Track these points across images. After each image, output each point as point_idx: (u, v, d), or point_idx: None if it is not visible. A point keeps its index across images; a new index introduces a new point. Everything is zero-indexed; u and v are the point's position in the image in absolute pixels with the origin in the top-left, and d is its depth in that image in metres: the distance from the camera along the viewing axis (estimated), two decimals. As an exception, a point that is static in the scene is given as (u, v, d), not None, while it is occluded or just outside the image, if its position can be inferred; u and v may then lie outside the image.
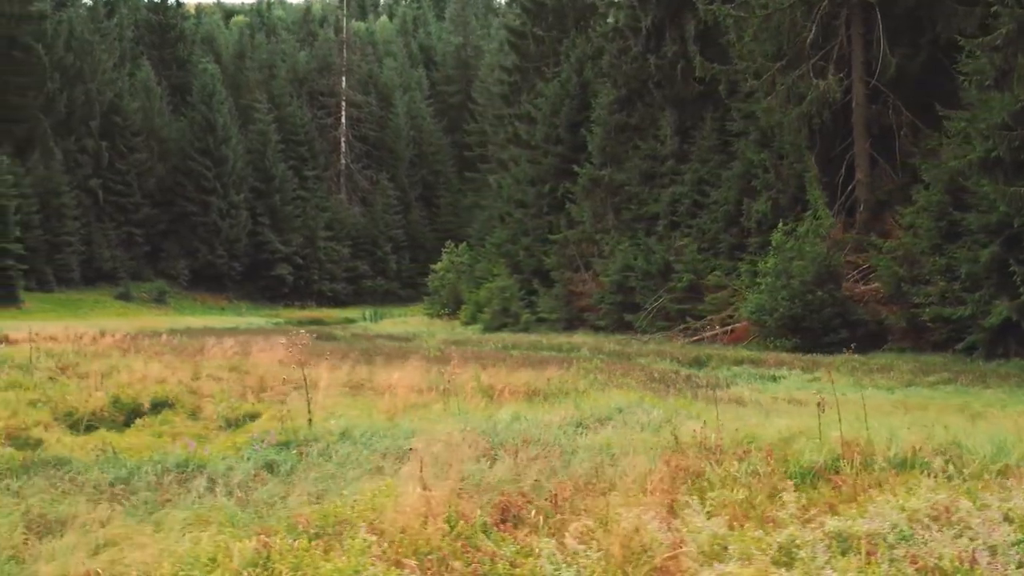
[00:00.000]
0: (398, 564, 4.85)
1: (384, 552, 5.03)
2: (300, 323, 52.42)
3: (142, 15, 70.84)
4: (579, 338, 28.75)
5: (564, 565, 4.81)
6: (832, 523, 5.49)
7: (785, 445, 9.09)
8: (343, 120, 73.69)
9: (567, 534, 5.56)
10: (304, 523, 6.06)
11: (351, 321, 55.06)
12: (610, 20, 38.19)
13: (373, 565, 4.80)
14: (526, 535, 5.76)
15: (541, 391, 14.29)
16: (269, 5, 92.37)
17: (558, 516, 6.22)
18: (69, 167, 57.52)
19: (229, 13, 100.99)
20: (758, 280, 24.63)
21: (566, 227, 35.61)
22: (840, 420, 9.26)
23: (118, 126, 60.22)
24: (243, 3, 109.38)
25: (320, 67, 75.31)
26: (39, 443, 10.42)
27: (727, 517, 6.03)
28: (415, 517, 5.48)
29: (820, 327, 23.51)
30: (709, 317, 27.50)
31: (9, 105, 57.57)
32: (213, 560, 5.50)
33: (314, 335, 29.76)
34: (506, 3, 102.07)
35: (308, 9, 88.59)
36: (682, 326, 27.99)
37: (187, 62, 70.18)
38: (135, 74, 64.04)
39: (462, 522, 5.87)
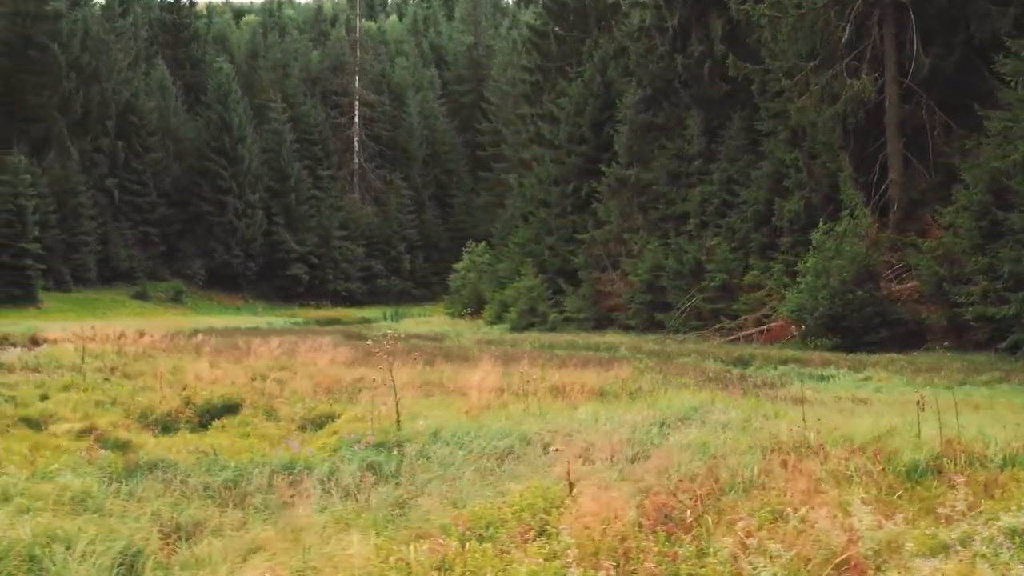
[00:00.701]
0: (595, 566, 4.82)
1: (578, 554, 4.99)
2: (319, 323, 52.46)
3: (155, 14, 70.82)
4: (613, 337, 28.71)
5: (762, 565, 4.79)
6: (1007, 519, 5.47)
7: (879, 444, 9.05)
8: (356, 119, 73.65)
9: (737, 532, 5.55)
10: (462, 525, 6.03)
11: (368, 321, 55.00)
12: (634, 20, 38.12)
13: (569, 567, 4.77)
14: (689, 536, 5.73)
15: (608, 391, 14.28)
16: (279, 4, 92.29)
17: (707, 516, 6.20)
18: (85, 167, 57.50)
19: (239, 12, 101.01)
20: (798, 280, 24.59)
21: (593, 227, 35.58)
22: (920, 419, 9.26)
23: (134, 125, 60.19)
24: (252, 2, 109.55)
25: (333, 66, 75.25)
26: (127, 444, 10.39)
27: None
28: (592, 517, 5.45)
29: (860, 326, 23.49)
30: (744, 317, 27.46)
31: (25, 104, 57.53)
32: (385, 562, 5.49)
33: (342, 335, 29.77)
34: (515, 3, 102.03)
35: (319, 8, 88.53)
36: (717, 326, 27.96)
37: (200, 61, 70.16)
38: (150, 73, 64.01)
39: (619, 523, 5.85)
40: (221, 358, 19.49)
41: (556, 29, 43.49)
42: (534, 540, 5.33)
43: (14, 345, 23.93)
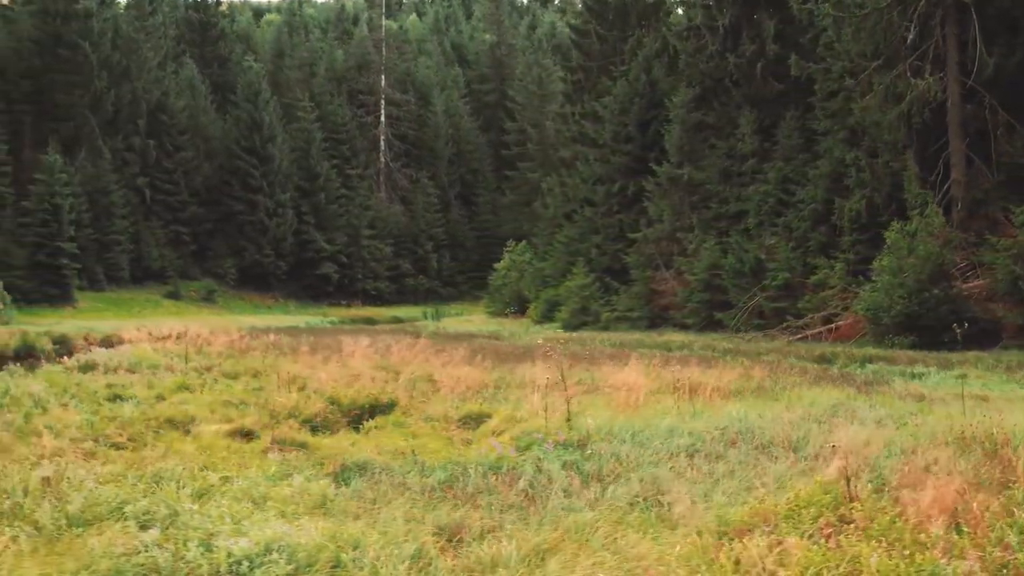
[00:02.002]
0: (960, 557, 4.92)
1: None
2: (354, 322, 52.55)
3: (183, 13, 70.81)
4: (677, 336, 28.76)
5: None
6: None
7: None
8: (382, 119, 73.67)
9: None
10: (757, 521, 6.10)
11: (400, 320, 55.08)
12: (681, 19, 38.18)
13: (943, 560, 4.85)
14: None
15: (736, 390, 14.30)
16: (300, 3, 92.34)
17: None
18: (117, 166, 57.52)
19: (258, 12, 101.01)
20: (873, 279, 24.63)
21: (645, 225, 35.62)
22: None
23: (165, 124, 60.21)
24: (270, 1, 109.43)
25: (358, 65, 75.24)
26: (304, 445, 10.41)
27: None
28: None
29: (936, 325, 23.49)
30: (810, 315, 27.50)
31: (56, 103, 57.58)
32: (709, 560, 5.52)
33: (409, 334, 29.79)
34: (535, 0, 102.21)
35: (342, 8, 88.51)
36: (783, 324, 27.99)
37: (227, 60, 70.15)
38: (178, 72, 64.01)
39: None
40: (316, 358, 19.51)
41: (597, 28, 43.50)
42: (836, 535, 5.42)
43: (96, 345, 23.92)
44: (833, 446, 7.63)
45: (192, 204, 61.04)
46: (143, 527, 6.26)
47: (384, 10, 78.70)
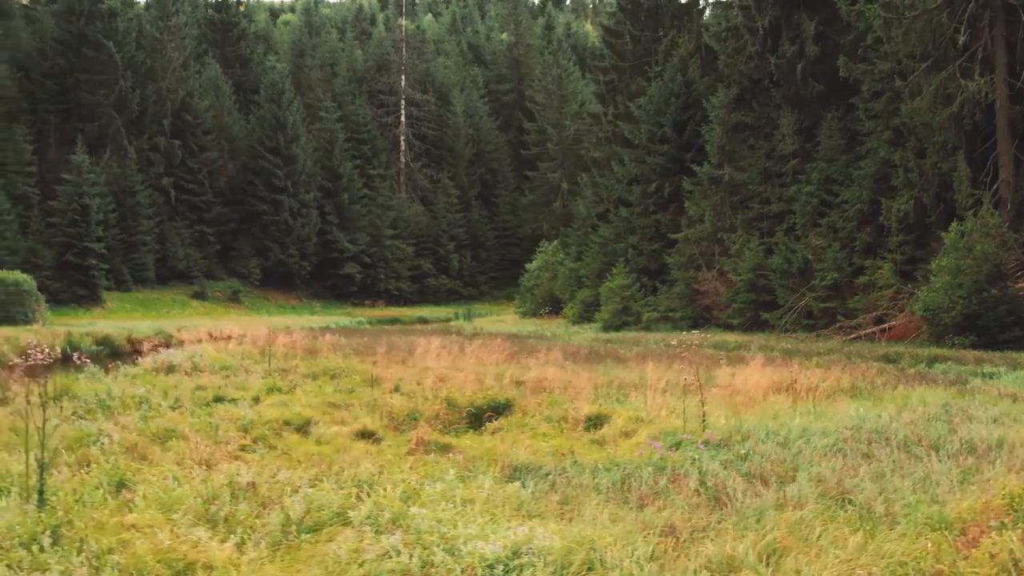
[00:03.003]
0: None
1: None
2: (380, 321, 52.58)
3: (204, 13, 70.85)
4: (729, 336, 28.80)
5: None
6: None
7: None
8: (403, 118, 73.71)
9: None
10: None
11: (425, 320, 55.09)
12: (718, 20, 38.16)
13: None
14: None
15: (833, 389, 14.34)
16: (316, 3, 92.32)
17: None
18: (142, 166, 57.59)
19: (273, 11, 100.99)
20: (933, 278, 24.70)
21: (686, 226, 35.68)
22: None
23: (189, 124, 60.27)
24: (284, 1, 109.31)
25: (377, 65, 75.29)
26: (448, 447, 10.46)
27: None
28: None
29: (995, 325, 23.61)
30: (863, 316, 27.58)
31: (80, 103, 57.66)
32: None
33: (459, 335, 29.83)
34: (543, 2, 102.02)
35: (359, 8, 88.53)
36: (836, 324, 28.07)
37: (249, 60, 70.16)
38: (201, 72, 64.04)
39: None
40: (387, 359, 19.56)
41: (631, 28, 43.58)
42: None
43: (164, 347, 23.96)
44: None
45: (216, 204, 61.10)
46: (378, 532, 6.29)
47: (404, 10, 78.70)
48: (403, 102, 73.94)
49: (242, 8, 74.42)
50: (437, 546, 5.95)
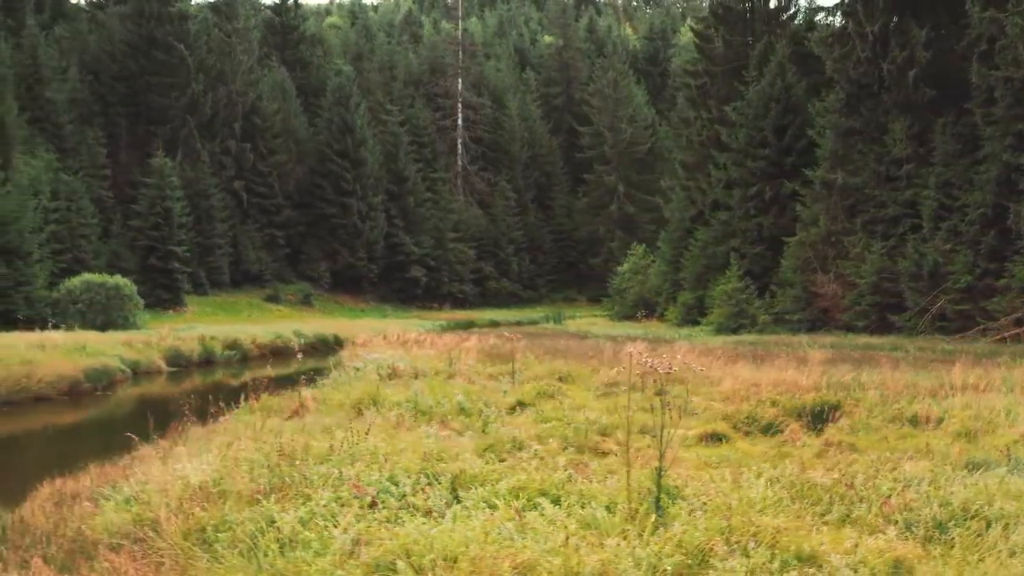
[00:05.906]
0: None
1: None
2: (458, 325, 52.86)
3: (265, 16, 71.16)
4: (858, 339, 29.26)
5: None
6: None
7: None
8: (459, 122, 74.15)
9: None
10: None
11: (496, 323, 55.38)
12: (803, 23, 38.64)
13: None
14: None
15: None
16: (362, 6, 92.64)
17: None
18: (215, 169, 57.85)
19: (317, 14, 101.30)
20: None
21: (800, 229, 36.14)
22: None
23: (258, 128, 60.56)
24: (319, 4, 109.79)
25: (432, 68, 75.71)
26: (853, 447, 10.79)
27: None
28: None
29: None
30: (1003, 319, 28.03)
31: (151, 106, 57.88)
32: None
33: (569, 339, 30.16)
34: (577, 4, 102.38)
35: (409, 11, 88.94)
36: (979, 327, 28.52)
37: (309, 63, 70.44)
38: (267, 75, 64.33)
39: None
40: (600, 362, 19.81)
41: (726, 34, 44.06)
42: None
43: (321, 351, 24.25)
44: None
45: (286, 207, 61.37)
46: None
47: (460, 12, 79.10)
48: (459, 105, 74.35)
49: (302, 11, 74.57)
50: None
